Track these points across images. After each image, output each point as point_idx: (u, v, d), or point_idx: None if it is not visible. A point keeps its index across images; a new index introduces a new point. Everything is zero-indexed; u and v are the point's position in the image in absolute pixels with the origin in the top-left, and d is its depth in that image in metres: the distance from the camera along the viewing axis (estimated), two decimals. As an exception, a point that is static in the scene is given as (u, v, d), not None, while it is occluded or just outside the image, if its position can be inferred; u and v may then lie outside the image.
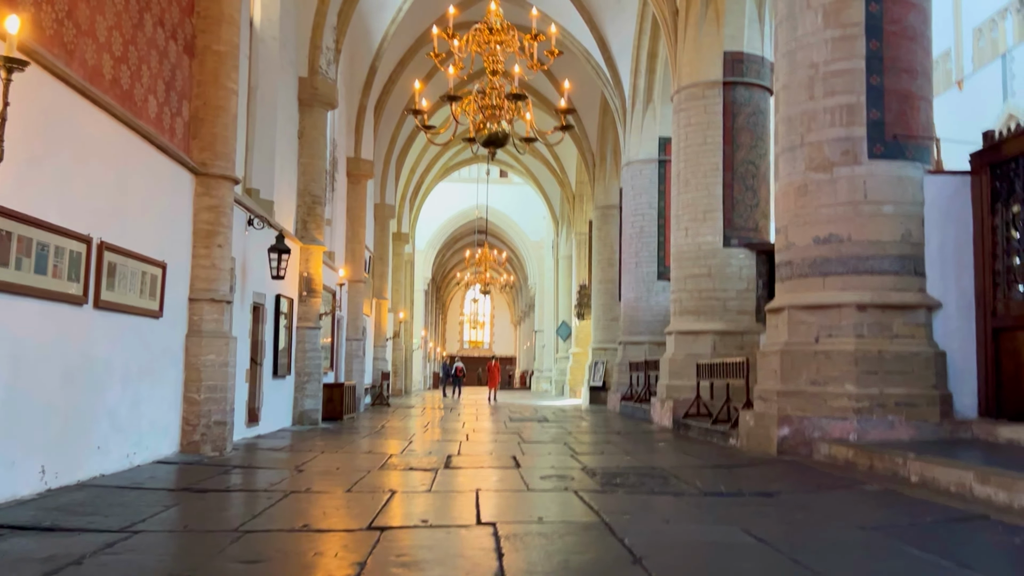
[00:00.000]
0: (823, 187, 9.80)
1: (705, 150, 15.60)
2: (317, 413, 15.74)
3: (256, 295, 12.90)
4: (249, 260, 12.46)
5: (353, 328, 21.42)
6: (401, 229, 33.50)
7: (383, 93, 22.45)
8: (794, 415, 9.62)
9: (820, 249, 9.78)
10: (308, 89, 15.80)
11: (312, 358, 15.72)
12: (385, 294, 28.35)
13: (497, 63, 9.70)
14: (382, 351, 27.63)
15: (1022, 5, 23.16)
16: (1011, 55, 22.99)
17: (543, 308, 46.13)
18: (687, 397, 15.02)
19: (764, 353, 10.42)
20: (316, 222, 15.87)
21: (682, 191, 15.91)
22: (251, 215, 12.27)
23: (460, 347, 74.91)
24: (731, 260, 15.36)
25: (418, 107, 9.70)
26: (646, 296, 21.06)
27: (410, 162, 31.89)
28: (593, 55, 22.22)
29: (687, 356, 15.37)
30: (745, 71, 15.62)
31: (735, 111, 15.56)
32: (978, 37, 24.52)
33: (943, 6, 24.16)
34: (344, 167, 21.13)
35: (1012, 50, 22.99)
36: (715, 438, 12.17)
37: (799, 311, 9.87)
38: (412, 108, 9.79)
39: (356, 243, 21.55)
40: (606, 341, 26.49)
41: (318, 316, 15.94)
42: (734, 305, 15.28)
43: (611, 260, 26.69)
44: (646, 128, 21.30)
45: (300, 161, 15.84)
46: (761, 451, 10.09)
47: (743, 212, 15.45)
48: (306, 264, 15.69)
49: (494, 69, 9.75)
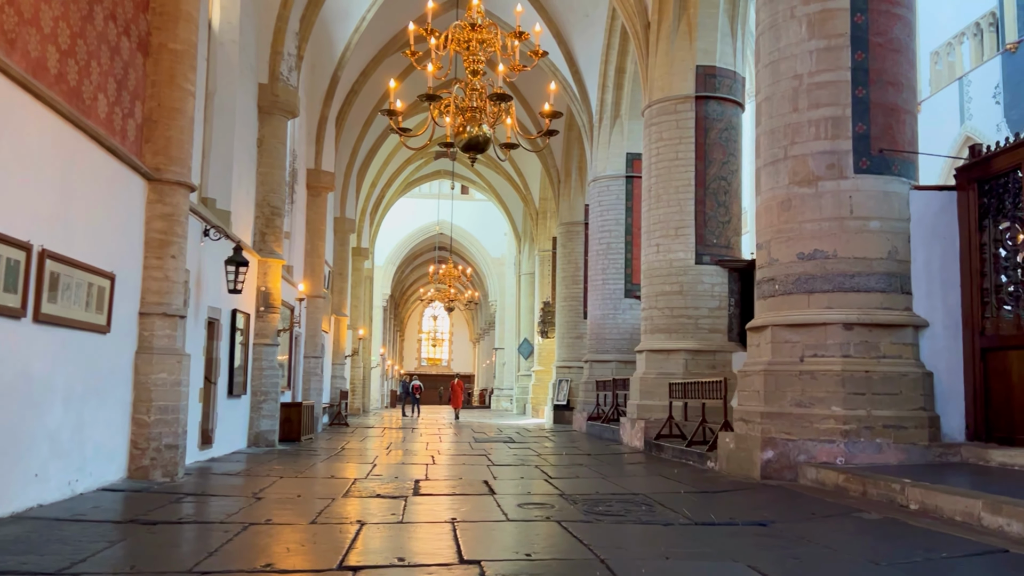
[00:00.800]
0: (807, 201, 9.50)
1: (677, 165, 15.31)
2: (274, 434, 15.04)
3: (211, 310, 12.24)
4: (204, 273, 11.81)
5: (311, 345, 20.72)
6: (361, 244, 32.82)
7: (345, 104, 21.89)
8: (779, 437, 9.26)
9: (805, 266, 9.47)
10: (268, 96, 15.21)
11: (269, 376, 15.04)
12: (344, 310, 27.65)
13: (478, 62, 9.21)
14: (341, 369, 26.88)
15: (979, 30, 23.47)
16: (968, 79, 23.25)
17: (504, 325, 45.64)
18: (659, 417, 14.65)
19: (745, 372, 10.05)
20: (275, 234, 15.24)
21: (653, 207, 15.60)
22: (207, 225, 11.63)
23: (418, 365, 74.02)
24: (703, 277, 15.06)
25: (392, 107, 9.15)
26: (613, 314, 20.71)
27: (371, 176, 31.30)
28: (560, 69, 21.93)
29: (658, 375, 15.00)
30: (718, 86, 15.40)
31: (707, 126, 15.31)
32: (935, 60, 24.77)
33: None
34: (304, 179, 20.50)
35: (969, 74, 23.27)
36: (692, 460, 11.77)
37: (783, 329, 9.53)
38: (387, 109, 9.22)
39: (315, 257, 20.89)
40: (570, 359, 26.08)
41: (276, 333, 15.28)
42: (706, 323, 14.97)
43: (576, 277, 26.34)
44: (613, 144, 21.04)
45: (259, 171, 15.21)
46: (743, 475, 9.70)
47: (715, 229, 15.17)
48: (264, 278, 15.04)
49: (475, 69, 9.27)
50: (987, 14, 22.42)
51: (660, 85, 15.65)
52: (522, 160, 32.41)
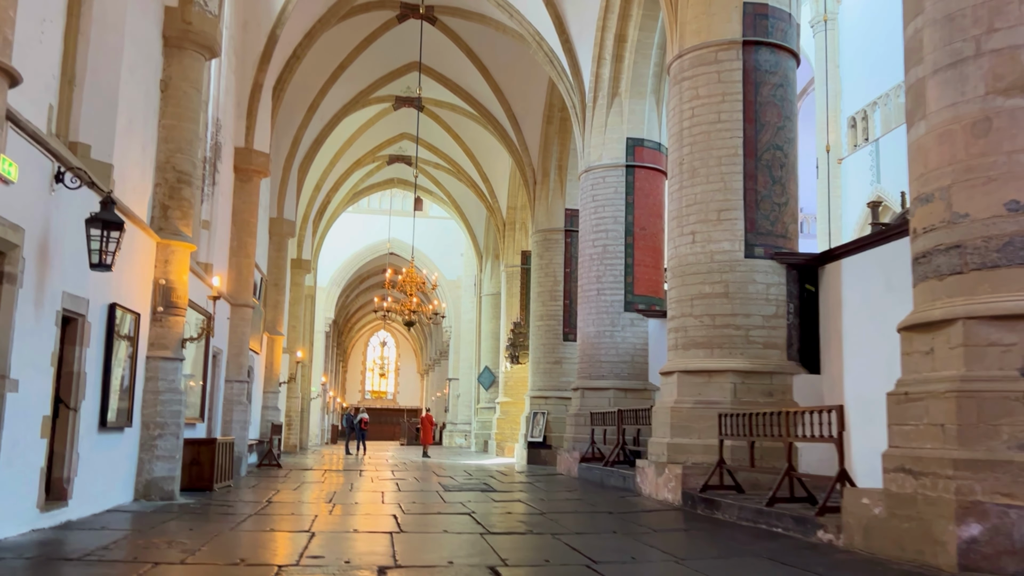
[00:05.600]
0: (1022, 120, 5.93)
1: (719, 130, 11.74)
2: (173, 482, 10.89)
3: (69, 299, 8.16)
4: (56, 241, 7.77)
5: (235, 366, 16.54)
6: (302, 255, 28.66)
7: (285, 70, 17.93)
8: (990, 502, 5.58)
9: (1021, 221, 5.87)
10: (178, 23, 11.25)
11: (169, 402, 10.92)
12: (280, 328, 23.42)
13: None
14: (274, 398, 22.59)
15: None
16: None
17: (459, 353, 41.55)
18: (700, 461, 10.90)
19: (909, 396, 6.37)
20: (182, 209, 11.21)
21: (686, 184, 11.97)
22: (61, 166, 7.61)
23: (362, 398, 69.32)
24: (755, 275, 11.44)
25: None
26: (610, 331, 17.00)
27: (315, 175, 27.25)
28: (547, 39, 18.37)
29: (697, 404, 11.26)
30: (770, 29, 11.93)
31: (758, 80, 11.79)
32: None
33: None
34: (231, 158, 16.45)
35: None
36: (783, 527, 8.02)
37: (986, 325, 5.89)
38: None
39: (243, 256, 16.78)
40: (547, 388, 22.24)
41: (181, 342, 11.19)
42: (759, 336, 11.32)
43: (554, 293, 22.61)
44: (611, 127, 17.48)
45: (162, 122, 11.20)
46: (912, 560, 6.01)
47: (769, 212, 11.61)
48: (164, 267, 10.97)
49: None
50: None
51: (695, 28, 12.12)
52: (489, 162, 28.77)
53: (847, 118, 27.35)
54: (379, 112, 27.27)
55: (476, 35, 21.90)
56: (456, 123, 27.55)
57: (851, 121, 27.09)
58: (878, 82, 25.35)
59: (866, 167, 26.40)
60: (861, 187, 26.20)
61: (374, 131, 28.49)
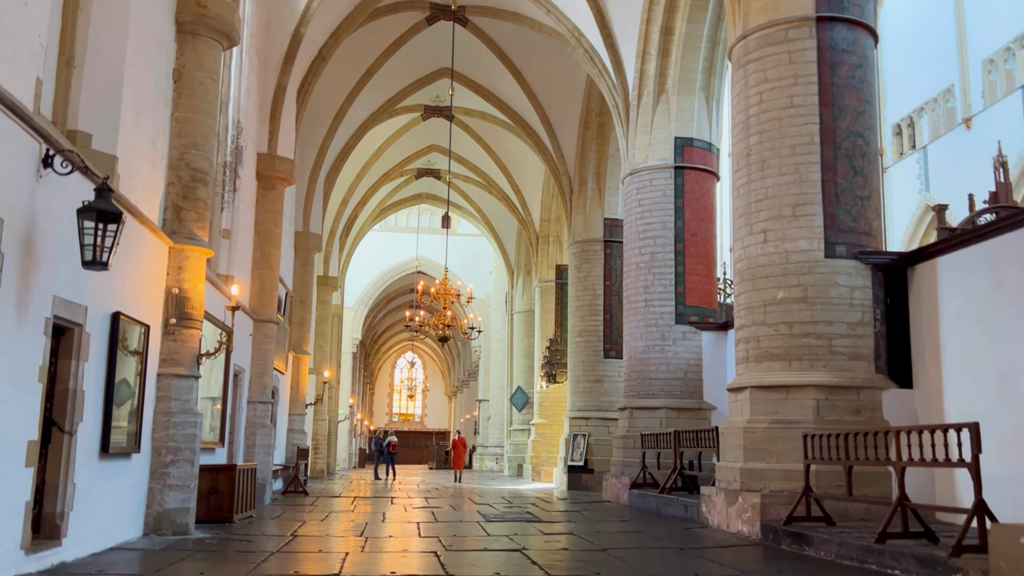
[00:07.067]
0: None
1: (791, 116, 10.51)
2: (188, 514, 9.74)
3: (62, 305, 7.06)
4: (44, 236, 6.68)
5: (259, 386, 15.42)
6: (329, 272, 27.63)
7: (310, 72, 16.92)
8: None
9: None
10: (192, 7, 10.23)
11: (183, 424, 9.79)
12: (307, 347, 22.33)
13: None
14: (300, 421, 21.46)
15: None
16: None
17: (489, 374, 40.30)
18: (779, 488, 9.60)
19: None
20: (197, 210, 10.14)
21: (755, 177, 10.73)
22: (50, 148, 6.53)
23: (389, 420, 68.18)
24: (837, 278, 10.14)
25: None
26: (660, 345, 15.70)
27: (341, 189, 26.26)
28: (587, 35, 17.25)
29: (774, 423, 9.96)
30: (846, 4, 10.72)
31: (834, 60, 10.56)
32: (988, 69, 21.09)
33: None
34: (253, 164, 15.44)
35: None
36: (906, 570, 6.69)
37: None
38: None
39: (267, 269, 15.72)
40: (588, 408, 20.95)
41: (196, 358, 10.08)
42: (844, 346, 10.01)
43: (593, 307, 21.35)
44: (658, 126, 16.29)
45: (176, 115, 10.17)
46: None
47: (851, 207, 10.33)
48: (178, 274, 9.89)
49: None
50: None
51: (761, 5, 10.92)
52: (520, 173, 27.69)
53: (891, 125, 25.73)
54: (407, 123, 26.31)
55: (509, 37, 20.86)
56: (487, 133, 26.51)
57: (896, 128, 25.49)
58: (924, 87, 23.88)
59: (913, 175, 24.81)
60: (909, 196, 24.69)
61: (402, 143, 27.54)
